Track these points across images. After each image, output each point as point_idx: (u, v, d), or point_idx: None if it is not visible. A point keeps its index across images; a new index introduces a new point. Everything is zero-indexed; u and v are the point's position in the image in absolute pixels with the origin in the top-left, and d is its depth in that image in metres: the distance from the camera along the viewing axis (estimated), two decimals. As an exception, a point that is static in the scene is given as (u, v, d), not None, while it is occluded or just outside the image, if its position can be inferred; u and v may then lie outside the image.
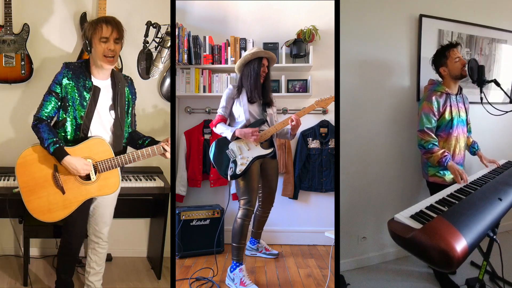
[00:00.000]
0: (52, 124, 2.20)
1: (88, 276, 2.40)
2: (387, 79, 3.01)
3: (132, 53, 2.91)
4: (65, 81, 2.14)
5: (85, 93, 2.17)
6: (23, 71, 2.76)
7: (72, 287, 2.49)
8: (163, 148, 2.23)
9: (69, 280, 2.46)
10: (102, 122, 2.24)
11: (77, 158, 2.11)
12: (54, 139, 2.08)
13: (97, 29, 2.12)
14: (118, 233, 3.06)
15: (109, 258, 3.06)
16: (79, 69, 2.18)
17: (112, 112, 2.26)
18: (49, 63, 2.82)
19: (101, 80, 2.23)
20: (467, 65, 2.54)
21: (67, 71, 2.16)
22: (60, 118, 2.18)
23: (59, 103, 2.16)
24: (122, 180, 2.72)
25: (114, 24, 2.15)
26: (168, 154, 2.25)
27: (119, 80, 2.28)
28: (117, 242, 3.07)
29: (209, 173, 3.53)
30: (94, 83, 2.20)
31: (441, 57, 2.68)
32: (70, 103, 2.15)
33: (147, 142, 2.37)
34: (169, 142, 2.26)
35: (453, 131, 2.64)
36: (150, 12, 2.91)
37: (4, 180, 2.55)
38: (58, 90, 2.14)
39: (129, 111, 2.39)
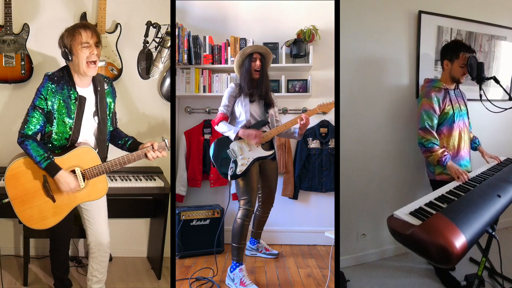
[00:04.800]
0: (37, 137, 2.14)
1: (91, 284, 2.36)
2: (387, 76, 3.01)
3: (132, 53, 2.92)
4: (49, 94, 2.07)
5: (71, 105, 2.12)
6: (23, 71, 2.77)
7: (70, 285, 2.50)
8: (145, 154, 2.19)
9: (65, 278, 2.47)
10: (87, 129, 2.20)
11: (68, 176, 2.07)
12: (45, 155, 2.03)
13: (76, 35, 2.05)
14: (118, 233, 3.06)
15: (109, 258, 3.06)
16: (61, 79, 2.11)
17: (96, 117, 2.22)
18: (50, 63, 2.83)
19: (84, 88, 2.17)
20: (466, 62, 2.54)
21: (50, 83, 2.08)
22: (46, 131, 2.13)
23: (45, 118, 2.10)
24: (122, 180, 2.73)
25: (92, 28, 2.11)
26: (150, 156, 2.19)
27: (99, 82, 2.23)
28: (117, 242, 3.07)
29: (209, 173, 3.53)
30: (79, 93, 2.14)
31: (452, 52, 2.64)
32: (57, 116, 2.10)
33: (129, 143, 2.33)
34: (154, 147, 2.20)
35: (455, 126, 2.61)
36: (150, 12, 2.91)
37: (4, 180, 2.55)
38: (43, 105, 2.07)
39: (110, 111, 2.33)
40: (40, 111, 2.08)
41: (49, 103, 2.08)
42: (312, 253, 3.38)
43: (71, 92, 2.12)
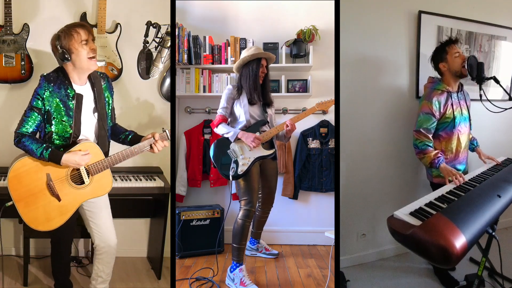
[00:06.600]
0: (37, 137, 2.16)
1: (96, 284, 2.34)
2: (387, 76, 3.02)
3: (132, 53, 2.92)
4: (46, 94, 2.09)
5: (69, 103, 2.14)
6: (23, 71, 2.77)
7: (70, 286, 2.49)
8: (150, 146, 2.23)
9: (66, 280, 2.46)
10: (88, 126, 2.22)
11: (73, 153, 2.09)
12: (44, 145, 2.05)
13: (73, 34, 2.08)
14: (118, 233, 3.03)
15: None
16: (57, 80, 2.13)
17: (96, 114, 2.23)
18: (50, 63, 2.82)
19: (81, 86, 2.20)
20: (466, 62, 2.52)
21: (46, 84, 2.10)
22: (47, 131, 2.14)
23: (41, 118, 2.12)
24: (122, 180, 2.73)
25: (87, 26, 2.16)
26: (156, 149, 2.23)
27: (95, 79, 2.25)
28: (117, 242, 3.06)
29: (209, 173, 3.53)
30: (76, 91, 2.16)
31: (440, 53, 2.65)
32: (55, 116, 2.12)
33: (130, 137, 2.35)
34: (155, 137, 2.23)
35: (455, 130, 2.60)
36: (150, 12, 2.91)
37: (4, 180, 2.55)
38: (40, 105, 2.09)
39: (109, 107, 2.35)
40: (37, 111, 2.10)
41: (46, 103, 2.10)
42: (312, 253, 3.38)
43: (68, 91, 2.14)
